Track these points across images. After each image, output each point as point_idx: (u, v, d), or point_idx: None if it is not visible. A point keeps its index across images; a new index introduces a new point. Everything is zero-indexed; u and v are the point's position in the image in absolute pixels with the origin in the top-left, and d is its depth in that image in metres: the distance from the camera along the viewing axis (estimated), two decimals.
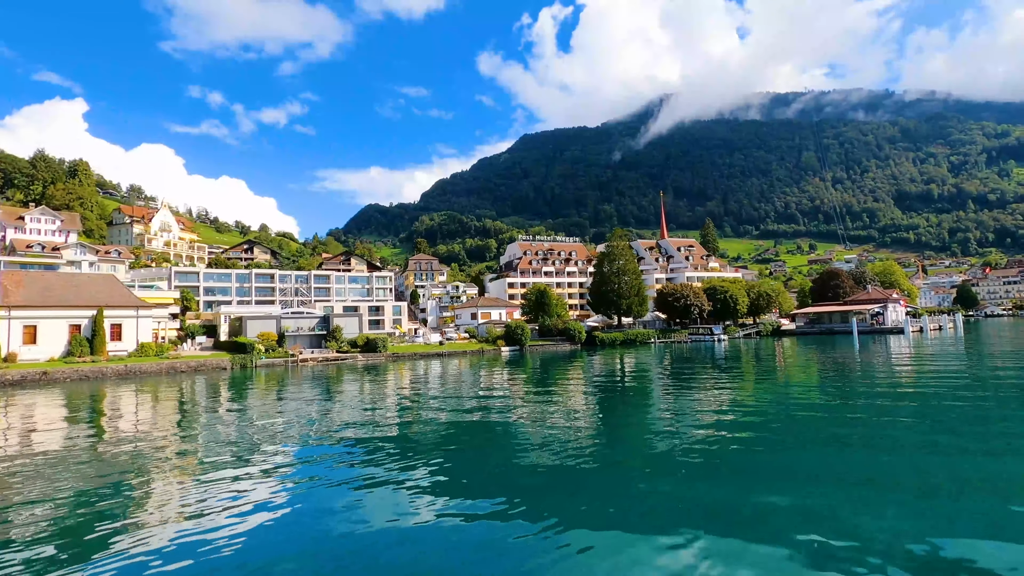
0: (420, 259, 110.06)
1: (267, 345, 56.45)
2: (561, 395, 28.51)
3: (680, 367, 41.90)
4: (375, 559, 8.43)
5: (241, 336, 56.67)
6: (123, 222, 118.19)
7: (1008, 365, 35.61)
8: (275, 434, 19.48)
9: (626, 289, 72.81)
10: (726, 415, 20.79)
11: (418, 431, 19.61)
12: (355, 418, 22.58)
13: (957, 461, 12.97)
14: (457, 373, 42.95)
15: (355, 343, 60.43)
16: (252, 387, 36.66)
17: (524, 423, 20.35)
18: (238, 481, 12.94)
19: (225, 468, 14.29)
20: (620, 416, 22.75)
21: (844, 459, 13.59)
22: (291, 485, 12.64)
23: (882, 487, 11.06)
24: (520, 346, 66.24)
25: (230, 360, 50.99)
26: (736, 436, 16.63)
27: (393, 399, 28.76)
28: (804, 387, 29.25)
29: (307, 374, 44.69)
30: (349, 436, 18.49)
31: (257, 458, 15.42)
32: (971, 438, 15.56)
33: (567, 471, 13.18)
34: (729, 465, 13.22)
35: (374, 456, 15.33)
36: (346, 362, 55.88)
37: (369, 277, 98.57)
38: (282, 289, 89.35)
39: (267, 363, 53.03)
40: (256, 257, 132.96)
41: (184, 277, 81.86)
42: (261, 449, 16.69)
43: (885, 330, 79.78)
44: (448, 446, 16.78)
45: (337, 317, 63.30)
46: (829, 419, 19.69)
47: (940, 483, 11.39)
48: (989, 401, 22.00)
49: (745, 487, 11.33)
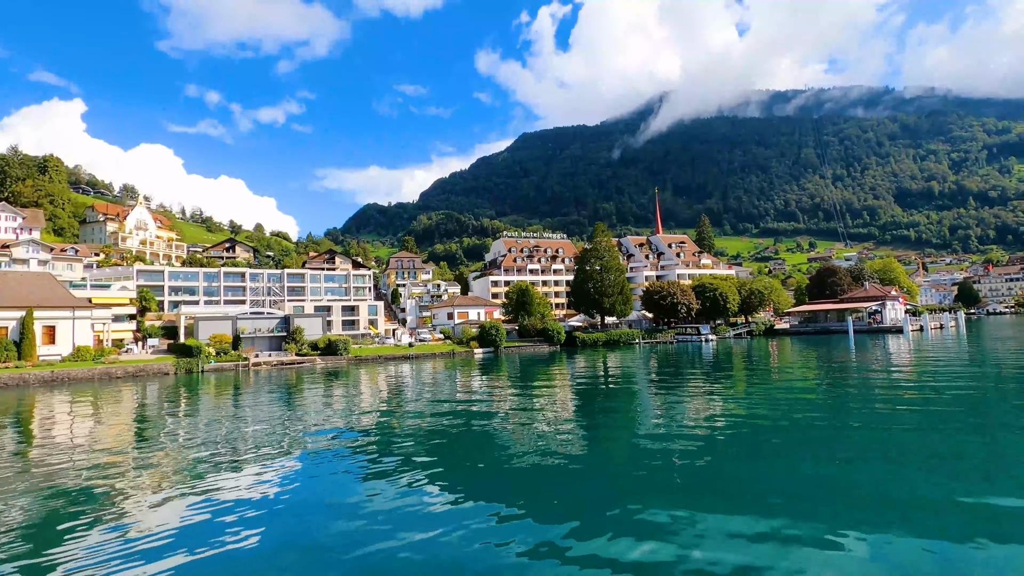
0: (402, 257, 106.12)
1: (219, 348, 52.73)
2: (522, 409, 24.68)
3: (661, 372, 38.13)
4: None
5: (191, 339, 52.93)
6: (96, 220, 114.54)
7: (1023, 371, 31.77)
8: (150, 466, 15.66)
9: (609, 287, 68.87)
10: (685, 434, 17.01)
11: (323, 458, 15.82)
12: (259, 441, 18.66)
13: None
14: (418, 379, 39.27)
15: (316, 345, 56.69)
16: (181, 397, 32.89)
17: (471, 446, 16.78)
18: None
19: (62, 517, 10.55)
20: (579, 434, 18.95)
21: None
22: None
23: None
24: (494, 348, 62.45)
25: (174, 365, 47.28)
26: (692, 455, 13.00)
27: (324, 415, 24.82)
28: (784, 398, 25.41)
29: (257, 380, 41.04)
30: (227, 468, 14.70)
31: (88, 507, 11.68)
32: (987, 480, 11.76)
33: (522, 517, 10.44)
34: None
35: (267, 500, 11.58)
36: (303, 366, 52.11)
37: (347, 276, 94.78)
38: (253, 288, 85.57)
39: (216, 367, 49.31)
40: (238, 256, 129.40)
41: (149, 276, 78.06)
42: (94, 493, 12.90)
43: (883, 329, 75.88)
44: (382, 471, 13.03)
45: (298, 318, 59.56)
46: (804, 443, 15.91)
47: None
48: (1009, 433, 18.16)
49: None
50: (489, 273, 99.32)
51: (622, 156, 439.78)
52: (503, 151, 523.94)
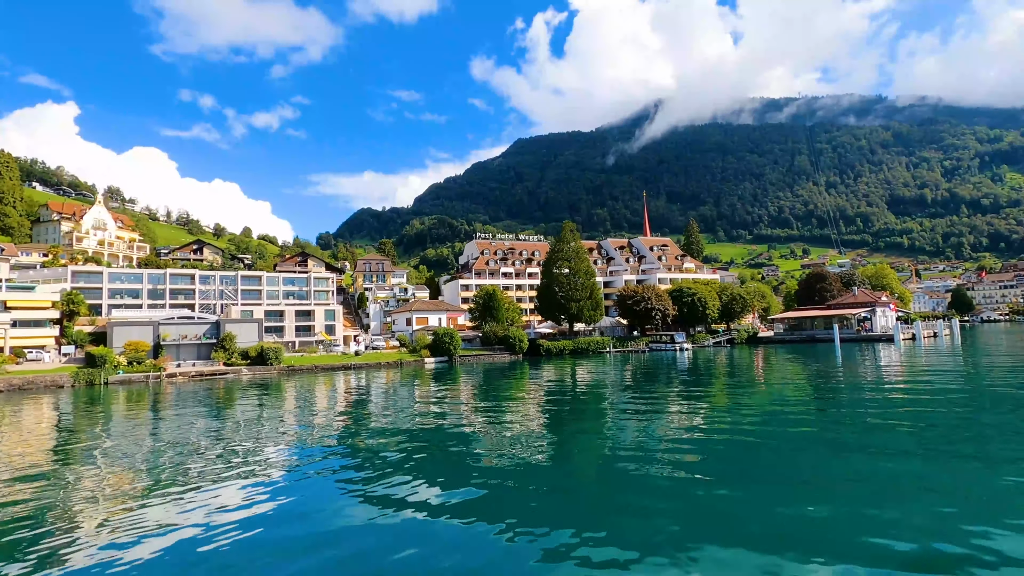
0: (370, 259, 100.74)
1: (133, 357, 47.24)
2: (448, 444, 19.43)
3: (623, 388, 33.12)
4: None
5: (102, 346, 47.45)
6: (50, 219, 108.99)
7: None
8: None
9: (577, 291, 63.73)
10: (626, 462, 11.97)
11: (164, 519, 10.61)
12: (102, 489, 13.34)
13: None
14: (345, 395, 34.13)
15: (246, 354, 51.27)
16: (42, 422, 27.50)
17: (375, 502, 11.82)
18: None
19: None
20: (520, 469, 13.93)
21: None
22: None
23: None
24: (448, 357, 57.15)
25: (72, 376, 41.79)
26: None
27: (201, 454, 19.22)
28: (747, 424, 20.33)
29: (168, 394, 35.87)
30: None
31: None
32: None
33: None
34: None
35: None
36: (226, 377, 46.72)
37: (307, 279, 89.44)
38: (204, 292, 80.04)
39: (124, 379, 43.87)
40: (206, 258, 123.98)
41: (87, 277, 72.43)
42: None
43: (872, 338, 71.02)
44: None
45: (230, 323, 54.17)
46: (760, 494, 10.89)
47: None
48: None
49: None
50: (459, 276, 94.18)
51: (616, 163, 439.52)
52: (498, 157, 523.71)
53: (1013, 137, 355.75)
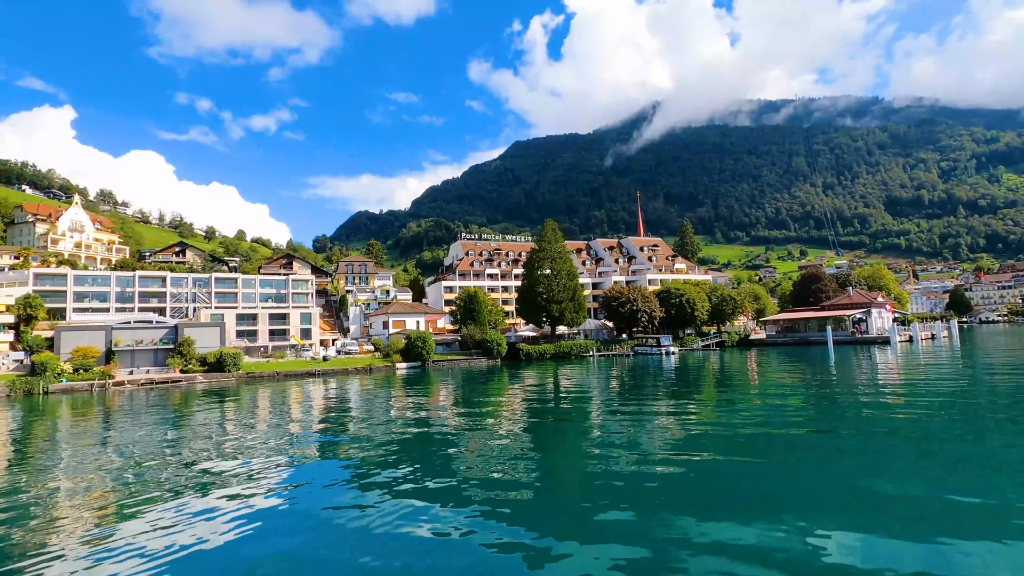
0: (352, 260, 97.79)
1: (80, 364, 44.37)
2: (417, 456, 16.69)
3: (602, 395, 30.39)
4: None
5: (47, 352, 44.59)
6: (24, 220, 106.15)
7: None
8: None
9: (559, 293, 60.95)
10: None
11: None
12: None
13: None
14: (304, 405, 31.40)
15: (205, 360, 48.41)
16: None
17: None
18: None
19: None
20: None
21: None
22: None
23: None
24: (421, 362, 54.32)
25: (8, 386, 38.94)
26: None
27: (117, 476, 16.49)
28: (724, 440, 17.56)
29: (117, 404, 33.17)
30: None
31: None
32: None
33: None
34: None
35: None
36: (179, 385, 43.86)
37: (285, 281, 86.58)
38: (175, 294, 77.14)
39: (67, 387, 41.00)
40: (188, 260, 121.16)
41: (50, 280, 69.38)
42: None
43: (868, 340, 68.31)
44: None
45: (189, 327, 51.31)
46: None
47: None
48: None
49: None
50: (442, 278, 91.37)
51: (614, 164, 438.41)
52: (495, 159, 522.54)
53: (1010, 138, 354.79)
